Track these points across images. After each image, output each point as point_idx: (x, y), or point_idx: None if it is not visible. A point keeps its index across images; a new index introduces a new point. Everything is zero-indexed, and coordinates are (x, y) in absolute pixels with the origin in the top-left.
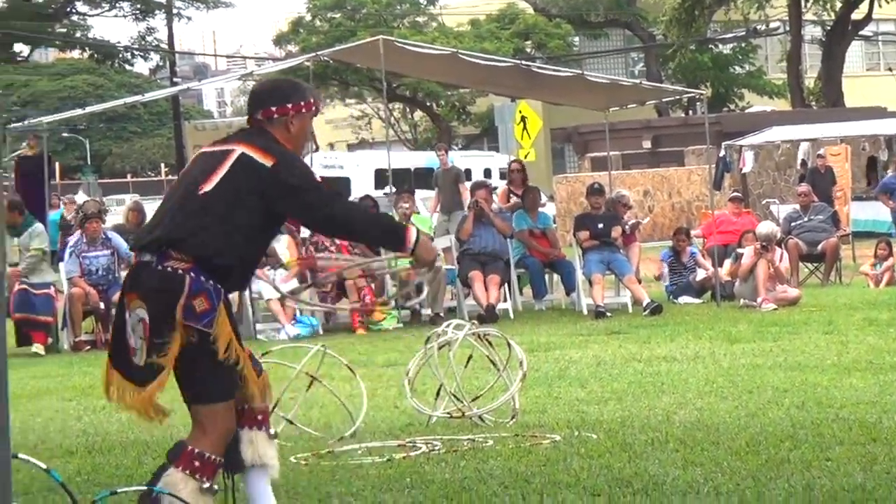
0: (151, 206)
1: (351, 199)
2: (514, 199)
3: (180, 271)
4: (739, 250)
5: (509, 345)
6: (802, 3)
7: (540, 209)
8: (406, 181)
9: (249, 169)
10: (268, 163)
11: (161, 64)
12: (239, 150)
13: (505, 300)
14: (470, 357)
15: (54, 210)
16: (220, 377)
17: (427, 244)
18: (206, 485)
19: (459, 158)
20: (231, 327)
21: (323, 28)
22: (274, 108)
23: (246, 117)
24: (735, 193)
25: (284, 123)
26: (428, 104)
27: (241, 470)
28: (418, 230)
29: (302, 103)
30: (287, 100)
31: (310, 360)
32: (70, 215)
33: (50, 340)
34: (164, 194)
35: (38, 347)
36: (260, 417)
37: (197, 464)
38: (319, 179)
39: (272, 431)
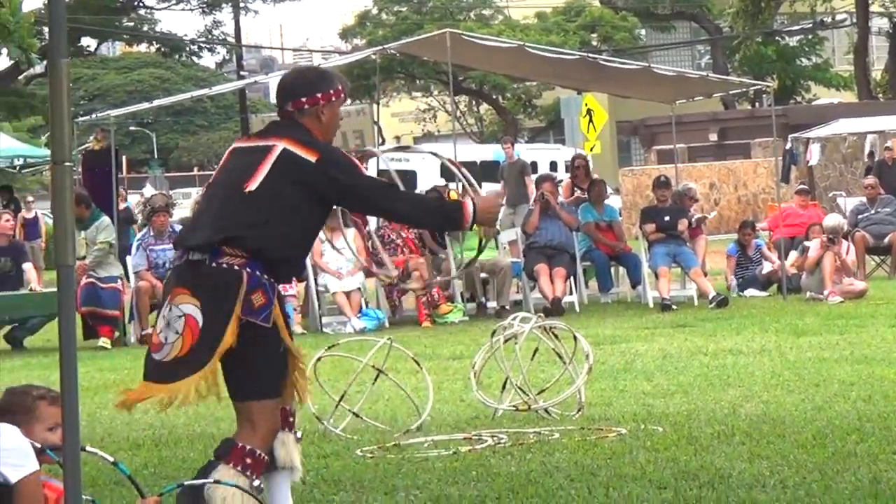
0: None
1: (417, 191)
2: (577, 194)
3: (236, 266)
4: (806, 243)
5: (575, 338)
6: None
7: (606, 202)
8: (472, 174)
9: (293, 164)
10: (311, 158)
11: (228, 57)
12: (280, 145)
13: (571, 293)
14: (536, 350)
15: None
16: (272, 372)
17: (485, 209)
18: (256, 482)
19: (525, 151)
20: (283, 321)
21: (389, 21)
22: (304, 99)
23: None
24: (801, 186)
25: (315, 113)
26: (494, 97)
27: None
28: (473, 201)
29: (331, 91)
30: (316, 89)
31: (376, 353)
32: (128, 207)
33: (117, 334)
34: (203, 193)
35: (104, 341)
36: (291, 420)
37: (249, 461)
38: (363, 169)
39: (298, 435)
